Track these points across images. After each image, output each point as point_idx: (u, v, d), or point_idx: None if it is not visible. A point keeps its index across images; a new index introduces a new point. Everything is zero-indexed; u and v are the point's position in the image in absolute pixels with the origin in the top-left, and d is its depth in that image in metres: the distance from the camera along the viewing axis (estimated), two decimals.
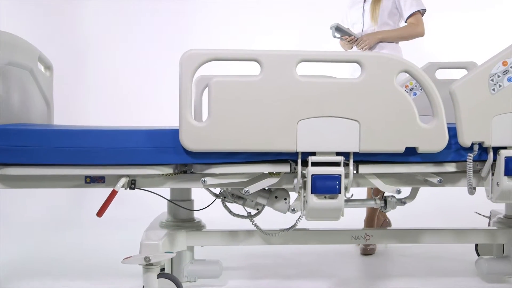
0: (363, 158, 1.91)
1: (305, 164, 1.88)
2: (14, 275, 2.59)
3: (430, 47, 4.29)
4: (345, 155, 1.88)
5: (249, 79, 1.81)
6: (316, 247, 2.93)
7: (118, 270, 2.51)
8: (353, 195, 2.09)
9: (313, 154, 1.86)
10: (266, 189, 2.12)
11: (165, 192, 2.25)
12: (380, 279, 2.57)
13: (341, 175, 1.86)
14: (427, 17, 3.13)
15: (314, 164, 1.86)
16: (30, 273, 2.63)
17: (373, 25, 3.12)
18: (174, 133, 1.86)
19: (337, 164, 1.87)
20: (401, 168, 1.95)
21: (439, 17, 4.48)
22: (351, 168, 1.89)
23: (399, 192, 2.00)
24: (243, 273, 2.64)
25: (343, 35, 3.12)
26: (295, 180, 1.92)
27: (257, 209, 2.21)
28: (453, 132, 1.89)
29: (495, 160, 1.95)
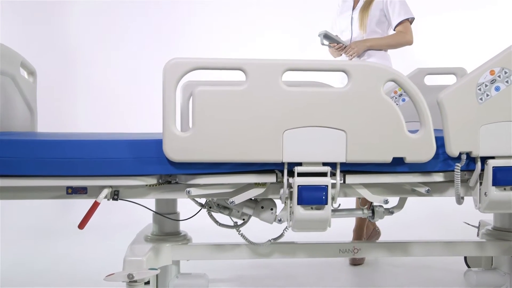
0: (350, 168, 1.88)
1: (291, 174, 1.85)
2: None
3: (419, 53, 4.28)
4: (332, 165, 1.85)
5: (234, 88, 1.78)
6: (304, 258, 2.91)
7: (103, 282, 2.46)
8: (340, 205, 2.06)
9: (300, 164, 1.83)
10: (252, 199, 2.08)
11: (150, 202, 2.21)
12: None
13: (327, 186, 1.83)
14: (416, 22, 3.12)
15: (300, 174, 1.83)
16: (13, 284, 2.58)
17: (362, 33, 3.11)
18: (157, 144, 1.82)
19: (324, 174, 1.84)
20: (388, 178, 1.92)
21: (428, 22, 4.48)
22: (338, 178, 1.86)
23: (386, 202, 1.97)
24: (230, 286, 2.60)
25: (331, 42, 3.11)
26: (281, 190, 1.88)
27: (243, 219, 2.18)
28: (440, 142, 1.87)
29: (483, 169, 1.93)
